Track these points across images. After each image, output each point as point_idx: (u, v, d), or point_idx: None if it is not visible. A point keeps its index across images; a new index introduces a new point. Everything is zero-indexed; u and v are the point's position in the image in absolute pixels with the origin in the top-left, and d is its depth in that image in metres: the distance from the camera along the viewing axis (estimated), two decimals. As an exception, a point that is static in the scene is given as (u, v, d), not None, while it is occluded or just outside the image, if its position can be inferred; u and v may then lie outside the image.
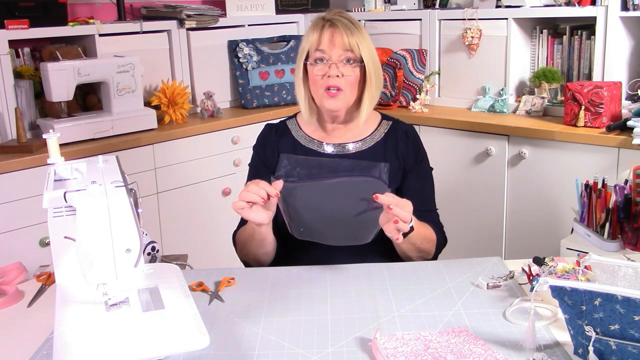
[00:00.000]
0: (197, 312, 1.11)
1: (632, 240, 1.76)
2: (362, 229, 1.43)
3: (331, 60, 1.57)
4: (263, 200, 1.39)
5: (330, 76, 1.57)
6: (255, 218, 1.42)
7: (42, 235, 2.41)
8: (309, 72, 1.62)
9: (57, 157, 1.27)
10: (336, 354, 1.12)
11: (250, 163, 1.74)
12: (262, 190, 1.38)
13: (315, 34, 1.59)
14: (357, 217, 1.41)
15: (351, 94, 1.60)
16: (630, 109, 2.59)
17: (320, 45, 1.58)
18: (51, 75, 2.54)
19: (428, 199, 1.69)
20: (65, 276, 1.23)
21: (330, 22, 1.59)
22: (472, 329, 1.18)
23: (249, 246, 1.58)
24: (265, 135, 1.74)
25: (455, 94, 3.24)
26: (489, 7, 3.06)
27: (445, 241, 1.66)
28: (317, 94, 1.61)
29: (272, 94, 3.35)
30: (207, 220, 2.98)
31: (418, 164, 1.68)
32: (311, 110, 1.66)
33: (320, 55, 1.58)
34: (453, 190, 2.94)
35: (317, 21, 1.62)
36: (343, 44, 1.57)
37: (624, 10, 2.63)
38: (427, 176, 1.71)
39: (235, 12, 3.40)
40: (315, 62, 1.59)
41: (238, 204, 1.40)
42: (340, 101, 1.59)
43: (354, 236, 1.45)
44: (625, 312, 0.98)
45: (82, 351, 0.99)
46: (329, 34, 1.58)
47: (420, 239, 1.52)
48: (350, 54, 1.57)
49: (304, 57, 1.62)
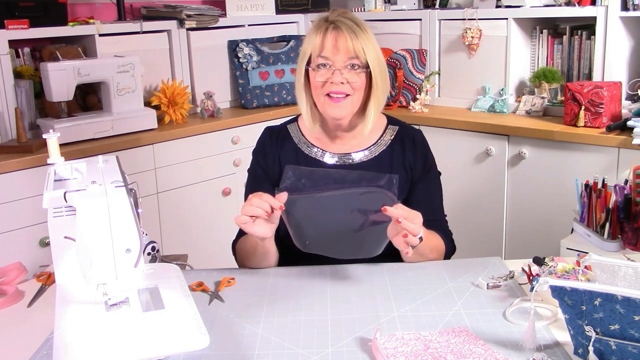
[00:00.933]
0: (197, 312, 1.11)
1: (632, 240, 1.76)
2: (370, 242, 1.40)
3: (335, 66, 1.49)
4: (267, 214, 1.35)
5: (333, 82, 1.49)
6: (259, 232, 1.38)
7: (42, 235, 2.41)
8: (311, 78, 1.53)
9: (57, 157, 1.27)
10: (336, 354, 1.12)
11: (249, 169, 1.68)
12: (265, 203, 1.34)
13: (318, 38, 1.50)
14: (365, 230, 1.37)
15: (357, 100, 1.53)
16: (630, 109, 2.59)
17: (323, 50, 1.49)
18: (51, 75, 2.54)
19: (437, 208, 1.63)
20: (65, 276, 1.23)
21: (334, 25, 1.49)
22: (472, 329, 1.18)
23: (251, 259, 1.52)
24: (265, 141, 1.67)
25: (455, 94, 3.24)
26: (489, 7, 3.06)
27: (454, 249, 1.62)
28: (319, 101, 1.53)
29: (272, 94, 3.35)
30: (207, 220, 2.98)
31: (426, 173, 1.62)
32: (314, 116, 1.58)
33: (323, 61, 1.49)
34: (453, 190, 2.94)
35: (320, 23, 1.52)
36: (347, 49, 1.48)
37: (624, 10, 2.63)
38: (435, 184, 1.64)
39: (235, 12, 3.40)
40: (317, 68, 1.51)
41: (241, 218, 1.35)
42: (344, 109, 1.52)
43: (361, 249, 1.42)
44: (625, 312, 0.98)
45: (82, 351, 0.99)
46: (332, 38, 1.49)
47: (428, 249, 1.48)
48: (355, 60, 1.49)
49: (305, 61, 1.54)
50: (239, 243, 1.60)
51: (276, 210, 1.36)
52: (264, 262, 1.51)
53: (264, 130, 1.70)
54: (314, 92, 1.54)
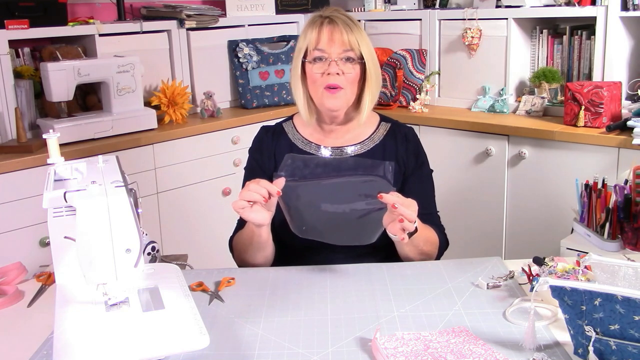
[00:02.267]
0: (197, 312, 1.11)
1: (632, 240, 1.76)
2: (365, 229, 1.42)
3: (331, 58, 1.54)
4: (264, 200, 1.37)
5: (330, 74, 1.54)
6: (256, 218, 1.40)
7: (42, 235, 2.41)
8: (308, 71, 1.59)
9: (57, 157, 1.27)
10: (336, 354, 1.12)
11: (245, 167, 1.71)
12: (262, 188, 1.37)
13: (314, 32, 1.56)
14: (361, 217, 1.40)
15: (351, 92, 1.58)
16: (630, 109, 2.59)
17: (319, 43, 1.55)
18: (51, 75, 2.54)
19: (429, 202, 1.67)
20: (65, 276, 1.23)
21: (329, 19, 1.56)
22: (472, 329, 1.18)
23: (247, 250, 1.55)
24: (261, 138, 1.71)
25: (455, 94, 3.24)
26: (489, 7, 3.06)
27: (447, 243, 1.64)
28: (317, 93, 1.58)
29: (272, 94, 3.35)
30: (207, 220, 2.98)
31: (418, 167, 1.66)
32: (310, 110, 1.63)
33: (319, 54, 1.55)
34: (453, 190, 2.94)
35: (315, 18, 1.59)
36: (343, 41, 1.54)
37: (624, 10, 2.63)
38: (428, 179, 1.68)
39: (235, 12, 3.40)
40: (314, 61, 1.56)
41: (239, 203, 1.38)
42: (340, 100, 1.56)
43: (357, 236, 1.44)
44: (625, 312, 0.98)
45: (82, 351, 0.99)
46: (328, 31, 1.55)
47: (423, 241, 1.51)
48: (350, 52, 1.55)
49: (301, 56, 1.59)
50: (236, 237, 1.62)
51: (273, 196, 1.38)
52: (260, 254, 1.53)
53: (260, 129, 1.75)
54: (311, 85, 1.59)
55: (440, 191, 1.75)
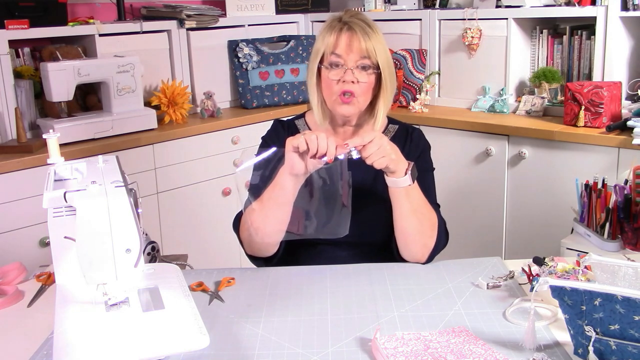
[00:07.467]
0: (197, 312, 1.11)
1: (632, 240, 1.76)
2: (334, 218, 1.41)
3: (347, 65, 1.53)
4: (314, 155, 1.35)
5: (345, 81, 1.53)
6: (298, 164, 1.38)
7: (42, 235, 2.41)
8: (323, 76, 1.57)
9: (57, 157, 1.27)
10: (336, 354, 1.12)
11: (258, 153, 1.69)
12: (325, 147, 1.34)
13: (332, 37, 1.54)
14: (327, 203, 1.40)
15: (364, 100, 1.57)
16: (630, 109, 2.59)
17: (336, 49, 1.53)
18: (51, 75, 2.54)
19: (429, 194, 1.63)
20: (65, 276, 1.23)
21: (348, 25, 1.54)
22: (472, 329, 1.18)
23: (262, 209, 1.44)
24: (276, 128, 1.71)
25: (455, 94, 3.24)
26: (489, 7, 3.05)
27: (447, 236, 1.61)
28: (330, 99, 1.57)
29: (272, 94, 3.35)
30: (207, 220, 2.98)
31: (418, 158, 1.64)
32: (324, 113, 1.63)
33: (336, 60, 1.54)
34: (453, 190, 2.94)
35: (334, 23, 1.57)
36: (360, 49, 1.52)
37: (624, 10, 2.63)
38: (428, 170, 1.67)
39: (235, 12, 3.40)
40: (330, 67, 1.55)
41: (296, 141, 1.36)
42: (353, 107, 1.56)
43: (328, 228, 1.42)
44: (625, 312, 0.98)
45: (82, 351, 0.99)
46: (346, 37, 1.53)
47: (421, 201, 1.49)
48: (366, 60, 1.53)
49: (318, 59, 1.58)
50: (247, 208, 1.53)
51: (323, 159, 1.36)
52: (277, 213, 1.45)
53: (274, 121, 1.74)
54: (325, 90, 1.58)
55: (440, 191, 1.74)
